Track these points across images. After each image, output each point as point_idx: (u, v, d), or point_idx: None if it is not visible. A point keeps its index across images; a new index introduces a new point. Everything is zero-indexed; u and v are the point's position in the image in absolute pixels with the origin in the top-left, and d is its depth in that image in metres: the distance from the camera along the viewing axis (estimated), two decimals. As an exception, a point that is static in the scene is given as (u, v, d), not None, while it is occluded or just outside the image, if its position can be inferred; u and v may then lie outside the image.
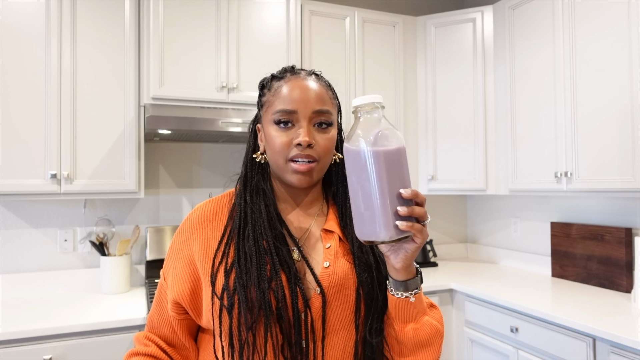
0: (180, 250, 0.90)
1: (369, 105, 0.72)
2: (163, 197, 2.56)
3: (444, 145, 2.76)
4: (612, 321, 1.75)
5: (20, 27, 2.02)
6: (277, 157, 0.84)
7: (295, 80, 0.85)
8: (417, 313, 0.80)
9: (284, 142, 0.82)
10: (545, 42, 2.31)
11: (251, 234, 0.84)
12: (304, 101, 0.83)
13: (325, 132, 0.85)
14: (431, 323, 0.82)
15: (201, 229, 0.89)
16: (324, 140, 0.84)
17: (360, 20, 2.69)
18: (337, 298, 0.83)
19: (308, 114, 0.83)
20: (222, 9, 2.27)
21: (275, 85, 0.87)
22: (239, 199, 0.89)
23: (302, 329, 0.79)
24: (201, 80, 2.23)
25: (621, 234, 2.20)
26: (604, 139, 2.01)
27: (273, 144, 0.84)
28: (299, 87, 0.84)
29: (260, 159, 0.89)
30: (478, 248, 3.23)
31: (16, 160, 2.00)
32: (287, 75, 0.87)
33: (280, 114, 0.83)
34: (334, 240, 0.88)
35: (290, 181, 0.84)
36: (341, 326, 0.83)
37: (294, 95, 0.83)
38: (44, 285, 2.31)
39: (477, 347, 2.35)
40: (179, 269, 0.88)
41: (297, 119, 0.83)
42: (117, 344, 1.85)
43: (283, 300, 0.79)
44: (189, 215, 0.93)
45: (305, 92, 0.84)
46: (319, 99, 0.84)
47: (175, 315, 0.89)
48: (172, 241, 0.92)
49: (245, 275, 0.80)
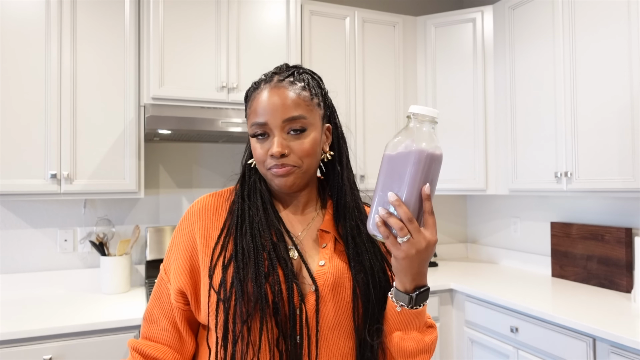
0: (182, 242, 0.90)
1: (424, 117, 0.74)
2: (163, 197, 2.56)
3: (444, 145, 2.76)
4: (612, 321, 1.75)
5: (20, 27, 2.01)
6: (259, 166, 0.87)
7: (265, 89, 0.86)
8: (406, 324, 0.81)
9: (262, 153, 0.85)
10: (545, 42, 2.31)
11: (248, 230, 0.85)
12: (273, 112, 0.83)
13: (301, 137, 0.84)
14: (419, 338, 0.81)
15: (202, 220, 0.90)
16: (300, 146, 0.84)
17: (360, 20, 2.68)
18: (332, 297, 0.83)
19: (278, 124, 0.83)
20: (222, 8, 2.27)
21: (252, 97, 0.88)
22: (237, 197, 0.91)
23: (297, 324, 0.80)
24: (201, 80, 2.23)
25: (621, 234, 2.20)
26: (604, 138, 2.00)
27: (255, 155, 0.87)
28: (267, 97, 0.84)
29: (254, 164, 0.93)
30: (478, 248, 3.23)
31: (16, 160, 2.00)
32: (261, 85, 0.88)
33: (255, 127, 0.85)
34: (330, 240, 0.89)
35: (276, 185, 0.87)
36: (337, 325, 0.84)
37: (263, 107, 0.84)
38: (44, 285, 2.31)
39: (477, 347, 2.35)
40: (181, 260, 0.89)
41: (270, 129, 0.84)
42: (117, 344, 1.85)
43: (279, 295, 0.79)
44: (190, 207, 0.94)
45: (273, 103, 0.83)
46: (289, 106, 0.83)
47: (181, 305, 0.89)
48: (174, 234, 0.93)
49: (243, 270, 0.81)
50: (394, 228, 0.72)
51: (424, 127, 0.73)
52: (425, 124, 0.73)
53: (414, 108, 0.73)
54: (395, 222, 0.72)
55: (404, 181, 0.72)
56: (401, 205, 0.71)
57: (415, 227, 0.72)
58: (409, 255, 0.73)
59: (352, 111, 2.65)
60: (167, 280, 0.91)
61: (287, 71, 0.88)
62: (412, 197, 0.72)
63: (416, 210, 0.73)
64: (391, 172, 0.73)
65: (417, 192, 0.72)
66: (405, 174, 0.72)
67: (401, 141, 0.73)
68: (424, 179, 0.72)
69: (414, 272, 0.76)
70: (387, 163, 0.74)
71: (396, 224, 0.72)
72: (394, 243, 0.73)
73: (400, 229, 0.72)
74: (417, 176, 0.71)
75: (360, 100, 2.67)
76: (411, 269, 0.75)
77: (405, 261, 0.74)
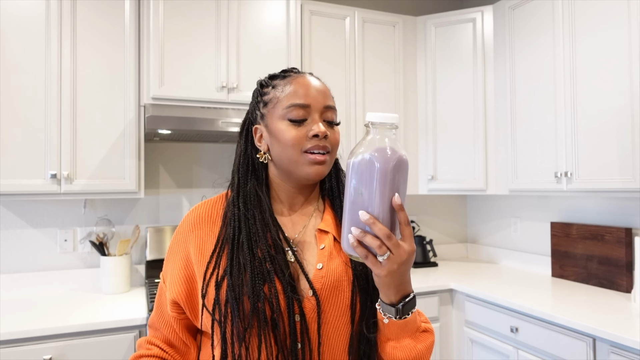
0: (177, 253, 0.90)
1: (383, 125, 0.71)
2: (163, 197, 2.56)
3: (444, 145, 2.76)
4: (612, 321, 1.75)
5: (20, 27, 2.01)
6: (291, 151, 0.83)
7: (303, 77, 0.87)
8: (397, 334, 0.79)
9: (299, 134, 0.83)
10: (545, 42, 2.31)
11: (245, 241, 0.82)
12: (315, 96, 0.85)
13: (333, 128, 0.87)
14: (412, 346, 0.79)
15: (196, 230, 0.89)
16: (333, 135, 0.86)
17: (360, 20, 2.69)
18: (331, 299, 0.82)
19: (320, 108, 0.85)
20: (222, 8, 2.27)
21: (281, 83, 0.87)
22: (232, 207, 0.87)
23: (297, 334, 0.79)
24: (201, 80, 2.23)
25: (621, 234, 2.20)
26: (604, 138, 2.00)
27: (285, 138, 0.83)
28: (308, 83, 0.86)
29: (263, 158, 0.89)
30: (478, 248, 3.23)
31: (16, 160, 2.00)
32: (291, 74, 0.89)
33: (294, 108, 0.84)
34: (328, 240, 0.87)
35: (306, 173, 0.83)
36: (337, 326, 0.83)
37: (305, 91, 0.85)
38: (44, 285, 2.31)
39: (477, 347, 2.35)
40: (176, 270, 0.89)
41: (310, 112, 0.84)
42: (117, 344, 1.85)
43: (278, 310, 0.78)
44: (184, 218, 0.93)
45: (316, 88, 0.86)
46: (327, 95, 0.87)
47: (176, 315, 0.90)
48: (170, 244, 0.93)
49: (238, 287, 0.78)
50: (372, 247, 0.68)
51: (385, 135, 0.70)
52: (385, 131, 0.70)
53: (370, 116, 0.70)
54: (372, 240, 0.68)
55: (373, 195, 0.68)
56: (376, 223, 0.68)
57: (395, 243, 0.69)
58: (391, 272, 0.70)
59: (352, 111, 2.65)
60: (165, 289, 0.92)
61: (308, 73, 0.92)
62: (385, 211, 0.68)
63: (391, 224, 0.69)
64: (357, 187, 0.69)
65: (388, 204, 0.68)
66: (373, 187, 0.68)
67: (363, 152, 0.69)
68: (393, 189, 0.68)
69: (397, 284, 0.74)
70: (353, 177, 0.70)
71: (374, 242, 0.68)
72: (374, 262, 0.70)
73: (379, 247, 0.68)
74: (385, 189, 0.67)
75: (360, 100, 2.67)
76: (394, 282, 0.73)
77: (388, 277, 0.71)
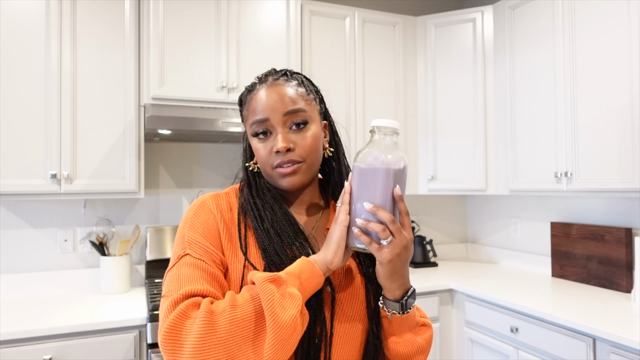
0: (207, 220, 0.83)
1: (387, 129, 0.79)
2: (163, 197, 2.56)
3: (444, 145, 2.76)
4: (612, 321, 1.75)
5: (20, 27, 2.01)
6: (264, 167, 0.85)
7: (262, 88, 0.86)
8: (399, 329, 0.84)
9: (266, 152, 0.84)
10: (545, 42, 2.31)
11: (271, 228, 0.82)
12: (272, 107, 0.83)
13: (303, 131, 0.84)
14: (413, 340, 0.85)
15: (218, 214, 0.84)
16: (303, 140, 0.84)
17: (360, 20, 2.68)
18: (345, 296, 0.85)
19: (280, 119, 0.83)
20: (222, 9, 2.27)
21: (247, 99, 0.88)
22: (248, 200, 0.87)
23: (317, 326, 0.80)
24: (201, 80, 2.23)
25: (621, 234, 2.20)
26: (604, 138, 2.00)
27: (258, 156, 0.86)
28: (265, 94, 0.84)
29: (254, 167, 0.91)
30: (478, 248, 3.23)
31: (16, 160, 2.00)
32: (255, 86, 0.88)
33: (255, 125, 0.85)
34: None
35: (282, 186, 0.85)
36: (352, 323, 0.84)
37: (262, 104, 0.84)
38: (44, 285, 2.31)
39: (477, 347, 2.35)
40: (212, 232, 0.82)
41: (272, 125, 0.83)
42: (117, 344, 1.85)
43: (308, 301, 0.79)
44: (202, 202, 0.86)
45: (272, 98, 0.84)
46: (287, 100, 0.84)
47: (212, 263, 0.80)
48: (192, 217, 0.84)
49: (275, 263, 0.79)
50: (376, 232, 0.74)
51: (387, 139, 0.78)
52: (389, 135, 0.79)
53: (376, 122, 0.79)
54: (376, 225, 0.74)
55: (377, 189, 0.76)
56: (380, 209, 0.74)
57: (397, 228, 0.75)
58: (394, 256, 0.75)
59: (352, 111, 2.65)
60: (193, 251, 0.80)
61: (279, 72, 0.89)
62: (387, 203, 0.76)
63: (392, 213, 0.77)
64: (363, 184, 0.77)
65: (390, 196, 0.76)
66: (377, 182, 0.76)
67: (369, 152, 0.78)
68: (394, 184, 0.77)
69: (399, 276, 0.79)
70: (358, 175, 0.78)
71: (378, 227, 0.74)
72: (378, 248, 0.75)
73: (383, 231, 0.74)
74: (388, 183, 0.76)
75: (360, 100, 2.67)
76: (397, 272, 0.78)
77: (391, 264, 0.76)
